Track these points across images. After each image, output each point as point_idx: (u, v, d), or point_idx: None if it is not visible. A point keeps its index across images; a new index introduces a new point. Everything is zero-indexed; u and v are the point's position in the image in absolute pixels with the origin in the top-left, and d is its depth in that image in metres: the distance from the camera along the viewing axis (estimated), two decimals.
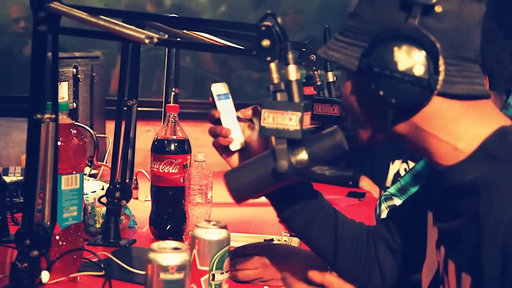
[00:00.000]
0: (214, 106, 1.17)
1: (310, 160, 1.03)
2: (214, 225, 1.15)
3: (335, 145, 1.03)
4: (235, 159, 1.19)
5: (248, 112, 1.21)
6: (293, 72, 1.03)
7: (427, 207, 1.06)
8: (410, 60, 0.91)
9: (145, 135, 2.37)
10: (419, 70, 0.90)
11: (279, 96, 1.03)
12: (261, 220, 1.85)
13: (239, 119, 1.19)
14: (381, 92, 0.93)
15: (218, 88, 1.17)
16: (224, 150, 1.19)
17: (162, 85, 2.17)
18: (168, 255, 1.03)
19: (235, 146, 1.16)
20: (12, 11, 3.24)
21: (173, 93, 2.07)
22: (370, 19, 0.97)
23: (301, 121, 1.00)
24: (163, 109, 2.11)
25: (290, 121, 1.01)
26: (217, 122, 1.18)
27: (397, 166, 2.34)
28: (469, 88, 0.94)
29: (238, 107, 1.25)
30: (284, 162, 1.01)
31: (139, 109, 1.61)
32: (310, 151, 1.02)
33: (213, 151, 1.98)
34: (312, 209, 1.20)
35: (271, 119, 1.01)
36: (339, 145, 1.03)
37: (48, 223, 1.18)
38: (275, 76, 1.04)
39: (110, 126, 2.43)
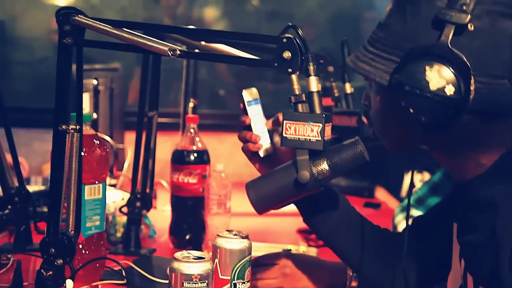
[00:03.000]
0: (244, 112, 1.19)
1: (331, 171, 1.04)
2: (235, 235, 1.17)
3: (356, 156, 1.04)
4: (263, 165, 1.21)
5: (269, 123, 1.22)
6: (314, 84, 1.05)
7: (451, 219, 1.07)
8: (441, 80, 0.91)
9: (163, 146, 2.39)
10: (450, 90, 0.90)
11: (300, 108, 1.05)
12: (279, 230, 1.86)
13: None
14: (411, 110, 0.93)
15: (249, 94, 1.19)
16: (253, 156, 1.21)
17: (179, 97, 2.20)
18: (191, 264, 1.05)
19: (264, 152, 1.18)
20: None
21: (191, 104, 2.10)
22: (400, 33, 0.97)
23: (322, 132, 1.02)
24: (181, 120, 2.14)
25: (312, 132, 1.02)
26: (247, 127, 1.19)
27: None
28: (498, 105, 0.95)
29: None
30: (306, 172, 1.03)
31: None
32: (331, 162, 1.04)
33: (230, 162, 2.00)
34: (338, 215, 1.21)
35: (292, 130, 1.03)
36: (360, 156, 1.04)
37: (72, 232, 1.20)
38: (296, 88, 1.05)
39: (128, 136, 2.47)
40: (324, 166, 1.04)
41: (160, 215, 1.91)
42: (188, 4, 3.41)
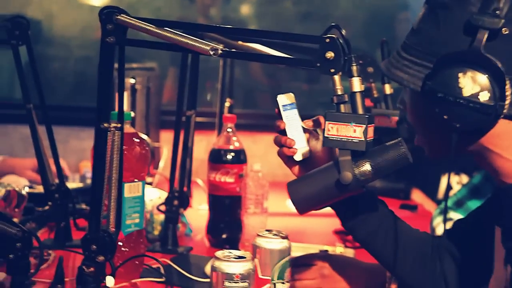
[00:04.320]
0: (280, 116, 1.19)
1: (373, 172, 1.03)
2: (275, 235, 1.17)
3: (400, 157, 1.03)
4: (299, 168, 1.20)
5: (309, 123, 1.22)
6: (357, 84, 1.04)
7: (494, 222, 1.05)
8: (475, 86, 0.90)
9: (198, 145, 2.41)
10: (485, 96, 0.90)
11: (342, 108, 1.04)
12: (315, 231, 1.85)
13: (304, 129, 1.20)
14: (445, 116, 0.93)
15: (284, 99, 1.18)
16: (288, 160, 1.20)
17: (214, 96, 2.20)
18: (232, 263, 1.05)
19: (299, 156, 1.17)
20: None
21: (227, 104, 2.10)
22: (433, 38, 0.97)
23: (365, 132, 1.01)
24: (217, 120, 2.14)
25: (354, 132, 1.02)
26: (283, 132, 1.19)
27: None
28: None
29: None
30: (348, 173, 1.02)
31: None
32: (374, 163, 1.03)
33: (264, 162, 2.00)
34: (377, 218, 1.20)
35: (335, 130, 1.03)
36: (404, 157, 1.03)
37: (113, 229, 1.21)
38: (338, 88, 1.04)
39: (164, 135, 2.48)
40: (367, 167, 1.03)
41: (196, 213, 1.92)
42: (222, 4, 3.42)
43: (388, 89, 1.63)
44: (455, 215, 1.71)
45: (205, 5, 3.21)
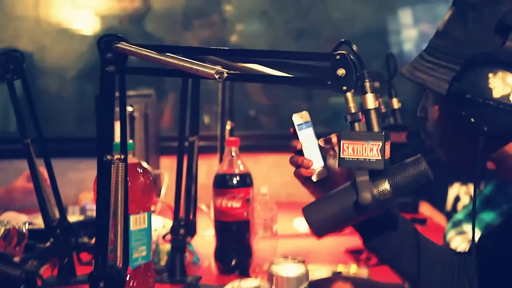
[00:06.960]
0: (295, 136, 1.14)
1: (393, 191, 0.99)
2: (291, 261, 1.12)
3: (420, 175, 0.99)
4: (317, 189, 1.16)
5: (322, 142, 1.18)
6: (371, 101, 1.00)
7: None
8: (506, 87, 0.87)
9: (199, 169, 2.38)
10: None
11: (357, 127, 1.00)
12: (327, 251, 1.80)
13: (320, 147, 1.15)
14: (472, 119, 0.89)
15: (299, 118, 1.14)
16: (305, 181, 1.16)
17: (212, 119, 2.16)
18: None
19: (317, 176, 1.13)
20: None
21: (228, 127, 2.06)
22: (461, 39, 0.94)
23: (382, 151, 0.97)
24: (218, 143, 2.10)
25: (371, 151, 0.97)
26: (299, 152, 1.14)
27: (456, 189, 2.28)
28: None
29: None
30: (367, 194, 0.98)
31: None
32: (393, 182, 0.99)
33: (267, 183, 1.95)
34: (400, 236, 1.15)
35: (350, 150, 0.98)
36: (424, 174, 0.99)
37: (120, 265, 1.16)
38: (352, 106, 1.00)
39: (164, 162, 2.44)
40: (386, 186, 0.99)
41: (202, 240, 1.87)
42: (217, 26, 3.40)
43: (396, 103, 1.60)
44: (468, 227, 1.67)
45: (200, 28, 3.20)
